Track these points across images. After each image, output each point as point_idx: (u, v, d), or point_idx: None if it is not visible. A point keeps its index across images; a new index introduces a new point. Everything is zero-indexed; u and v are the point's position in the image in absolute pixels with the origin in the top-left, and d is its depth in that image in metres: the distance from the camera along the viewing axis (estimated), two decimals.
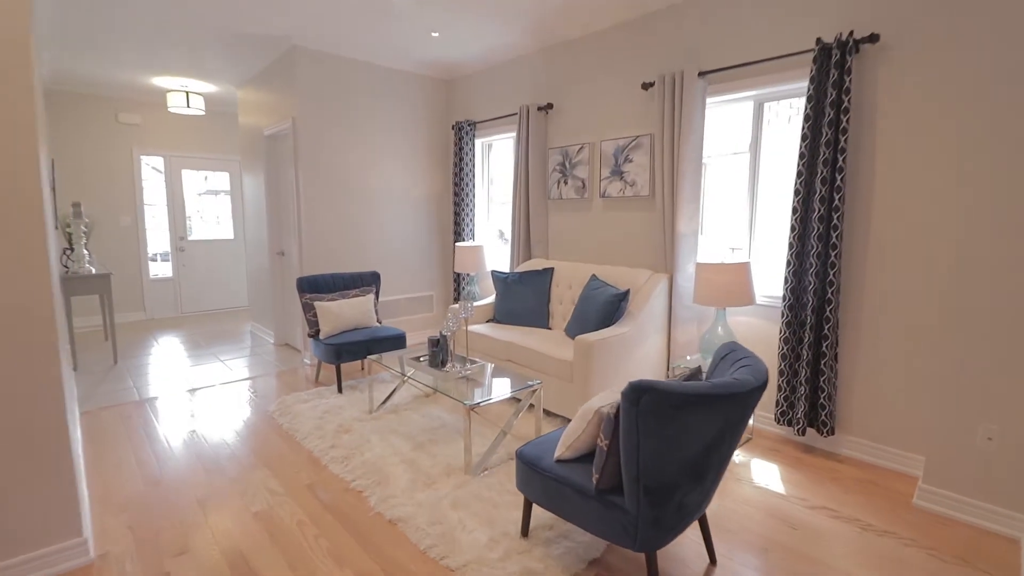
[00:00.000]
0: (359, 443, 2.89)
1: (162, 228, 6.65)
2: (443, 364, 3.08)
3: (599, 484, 1.68)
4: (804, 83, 2.90)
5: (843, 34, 2.64)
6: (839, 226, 2.70)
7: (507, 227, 5.13)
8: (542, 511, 2.23)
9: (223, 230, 7.09)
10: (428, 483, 2.46)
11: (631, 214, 3.77)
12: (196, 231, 6.87)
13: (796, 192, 2.83)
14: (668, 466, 1.54)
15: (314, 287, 4.02)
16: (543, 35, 4.03)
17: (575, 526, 2.08)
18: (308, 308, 3.90)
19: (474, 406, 2.50)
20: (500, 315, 4.05)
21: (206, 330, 5.95)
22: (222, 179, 7.04)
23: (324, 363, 4.18)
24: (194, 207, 6.86)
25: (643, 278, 3.47)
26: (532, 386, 2.80)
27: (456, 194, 5.08)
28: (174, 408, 3.56)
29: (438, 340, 3.11)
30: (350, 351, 3.69)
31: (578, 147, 4.03)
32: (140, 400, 3.71)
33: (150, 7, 3.52)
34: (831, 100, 2.66)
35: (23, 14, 1.72)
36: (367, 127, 4.74)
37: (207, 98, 6.19)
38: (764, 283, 3.26)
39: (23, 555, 1.83)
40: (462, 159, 4.97)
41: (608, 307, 3.25)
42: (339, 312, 3.86)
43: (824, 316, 2.80)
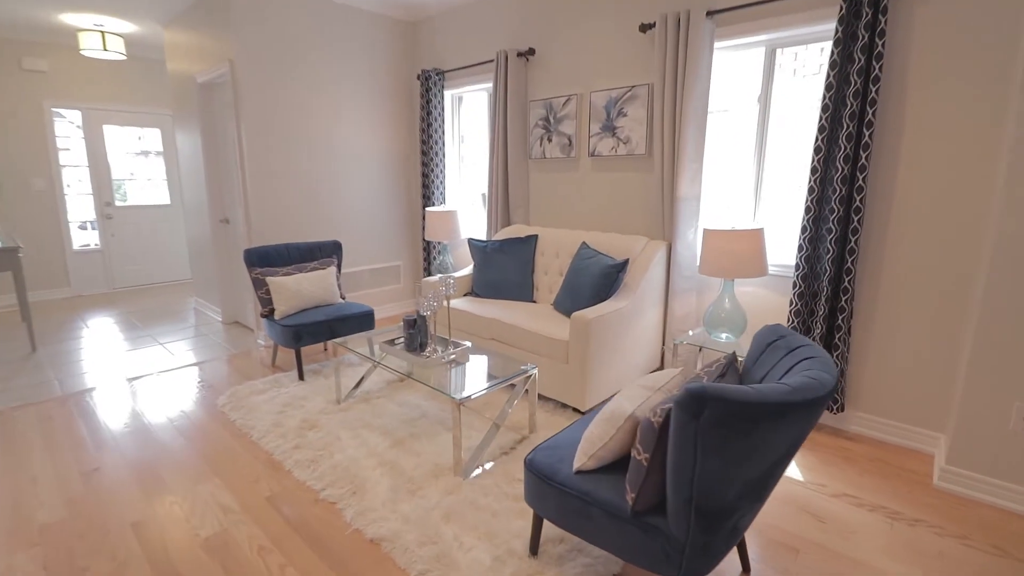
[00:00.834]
0: (328, 441, 2.51)
1: (88, 192, 5.83)
2: (422, 348, 2.70)
3: (636, 505, 1.39)
4: (827, 24, 2.57)
5: None
6: (864, 188, 2.44)
7: (481, 190, 4.69)
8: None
9: (158, 194, 6.31)
10: (413, 490, 2.12)
11: (624, 175, 3.42)
12: (131, 196, 6.07)
13: (817, 149, 2.54)
14: (728, 488, 1.25)
15: (265, 260, 3.51)
16: None
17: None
18: (259, 284, 3.40)
19: (464, 400, 2.16)
20: (479, 288, 3.68)
21: (143, 308, 5.31)
22: (153, 136, 6.20)
23: (281, 347, 3.72)
24: (127, 169, 6.03)
25: (639, 246, 3.16)
26: (527, 371, 2.47)
27: (424, 153, 4.58)
28: (105, 404, 3.05)
29: (414, 321, 2.72)
30: (311, 333, 3.25)
31: (564, 99, 3.60)
32: (63, 395, 3.17)
33: None
34: (862, 44, 2.34)
35: None
36: (319, 74, 4.14)
37: (128, 40, 5.32)
38: (771, 251, 3.01)
39: None
40: (430, 113, 4.45)
41: (604, 279, 2.93)
42: (296, 288, 3.39)
43: (842, 287, 2.58)
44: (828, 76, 2.47)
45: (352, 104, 4.37)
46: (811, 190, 2.59)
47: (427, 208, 4.21)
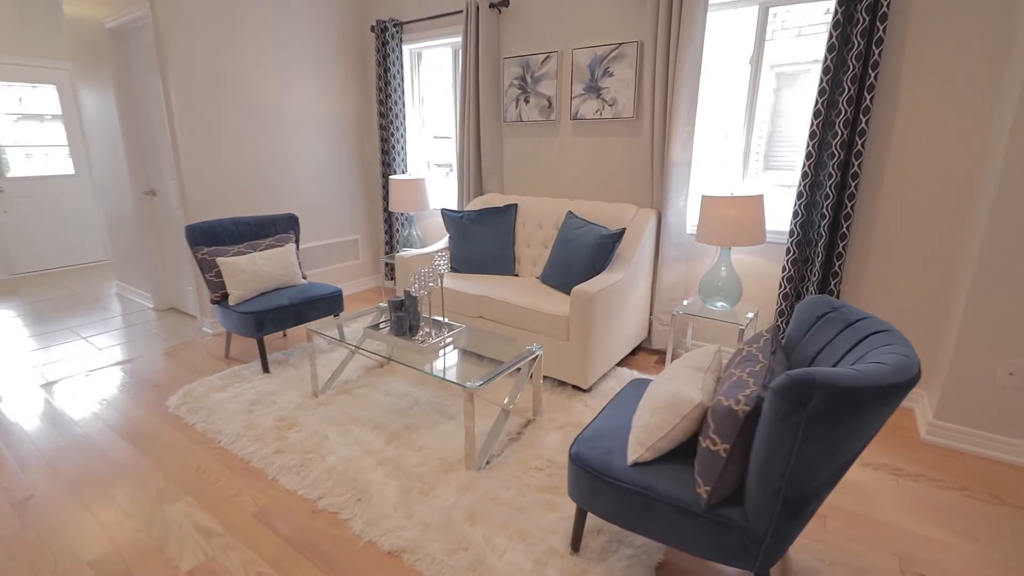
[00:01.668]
0: (315, 442, 2.24)
1: None
2: (412, 332, 2.46)
3: (711, 498, 1.28)
4: None
5: None
6: (862, 153, 2.43)
7: (443, 157, 4.37)
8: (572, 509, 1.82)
9: (60, 164, 5.41)
10: (425, 490, 1.92)
11: (610, 139, 3.25)
12: (19, 166, 5.15)
13: (816, 113, 2.50)
14: (819, 475, 1.17)
15: (212, 238, 3.06)
16: None
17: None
18: (208, 266, 2.96)
19: (477, 389, 1.96)
20: (457, 262, 3.44)
21: (53, 296, 4.58)
22: (47, 95, 5.26)
23: (237, 335, 3.32)
24: (10, 135, 5.09)
25: (629, 214, 3.04)
26: (534, 352, 2.31)
27: (383, 115, 4.18)
28: (24, 417, 2.56)
29: (401, 302, 2.46)
30: (276, 319, 2.89)
31: (543, 57, 3.35)
32: None
33: None
34: (867, 4, 2.28)
35: None
36: (259, 20, 3.60)
37: None
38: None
39: None
40: (388, 70, 4.04)
41: (599, 250, 2.79)
42: (252, 270, 2.99)
43: (836, 252, 2.59)
44: (831, 36, 2.40)
45: (298, 57, 3.87)
46: (809, 154, 2.56)
47: (391, 177, 3.86)
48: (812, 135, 2.53)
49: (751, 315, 2.74)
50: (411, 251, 3.38)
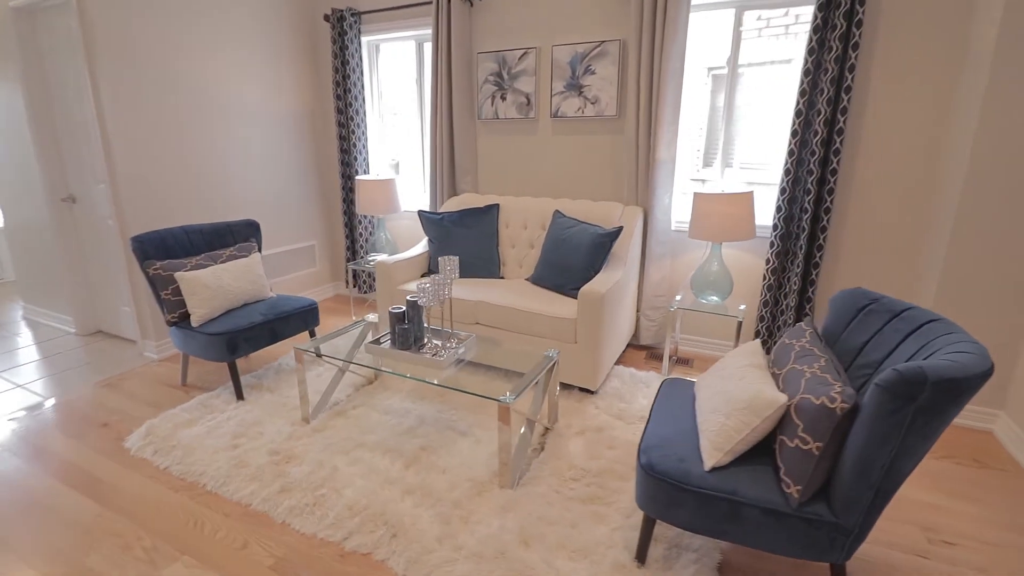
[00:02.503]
0: (323, 475, 2.02)
1: None
2: (417, 345, 2.29)
3: (802, 497, 1.28)
4: None
5: None
6: (841, 151, 2.58)
7: (407, 155, 4.16)
8: (624, 520, 1.77)
9: None
10: (464, 516, 1.79)
11: (592, 137, 3.24)
12: None
13: (798, 113, 2.63)
14: (911, 465, 1.20)
15: (164, 250, 2.69)
16: None
17: (683, 531, 1.69)
18: (163, 283, 2.59)
19: (512, 402, 1.85)
20: (438, 266, 3.27)
21: None
22: None
23: (195, 357, 2.95)
24: None
25: (617, 213, 3.05)
26: (552, 358, 2.23)
27: (341, 111, 3.89)
28: None
29: (403, 314, 2.29)
30: (250, 339, 2.59)
31: (520, 53, 3.27)
32: None
33: None
34: (844, 10, 2.42)
35: None
36: (202, 2, 3.20)
37: None
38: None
39: None
40: (347, 63, 3.76)
41: (596, 249, 2.77)
42: (218, 285, 2.66)
43: (816, 244, 2.75)
44: (810, 40, 2.52)
45: (245, 45, 3.49)
46: (791, 152, 2.68)
47: (358, 178, 3.60)
48: (794, 134, 2.66)
49: (743, 307, 2.84)
50: (394, 256, 3.17)
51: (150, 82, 2.99)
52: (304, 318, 2.89)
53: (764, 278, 2.92)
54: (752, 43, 2.92)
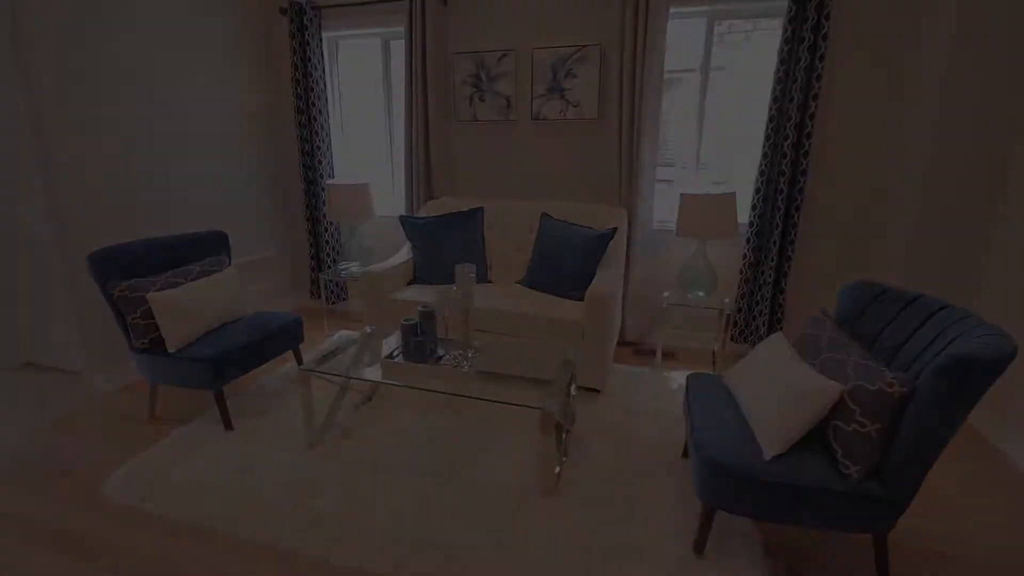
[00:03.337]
0: (353, 503, 1.90)
1: None
2: (434, 356, 2.22)
3: (860, 476, 1.39)
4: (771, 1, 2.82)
5: None
6: (810, 152, 2.82)
7: (373, 158, 3.99)
8: (665, 512, 1.84)
9: None
10: (515, 529, 1.76)
11: (573, 139, 3.28)
12: None
13: (771, 119, 2.83)
14: (949, 441, 1.34)
15: (129, 268, 2.39)
16: None
17: (730, 515, 1.79)
18: (130, 305, 2.30)
19: (554, 410, 1.85)
20: (425, 273, 3.19)
21: None
22: None
23: (169, 385, 2.66)
24: None
25: (603, 214, 3.12)
26: (572, 361, 2.25)
27: (301, 111, 3.65)
28: None
29: (416, 325, 2.20)
30: (238, 362, 2.37)
31: (499, 55, 3.24)
32: None
33: None
34: (811, 24, 2.64)
35: None
36: None
37: None
38: None
39: None
40: (308, 61, 3.54)
41: (592, 251, 2.82)
42: (195, 304, 2.41)
43: (789, 239, 2.98)
44: (781, 50, 2.73)
45: (195, 39, 3.17)
46: (765, 155, 2.89)
47: (328, 182, 3.39)
48: (767, 137, 2.87)
49: (727, 300, 3.02)
50: (381, 265, 3.04)
51: (90, 75, 2.64)
52: (291, 335, 2.70)
53: (741, 271, 3.12)
54: (723, 48, 3.09)
